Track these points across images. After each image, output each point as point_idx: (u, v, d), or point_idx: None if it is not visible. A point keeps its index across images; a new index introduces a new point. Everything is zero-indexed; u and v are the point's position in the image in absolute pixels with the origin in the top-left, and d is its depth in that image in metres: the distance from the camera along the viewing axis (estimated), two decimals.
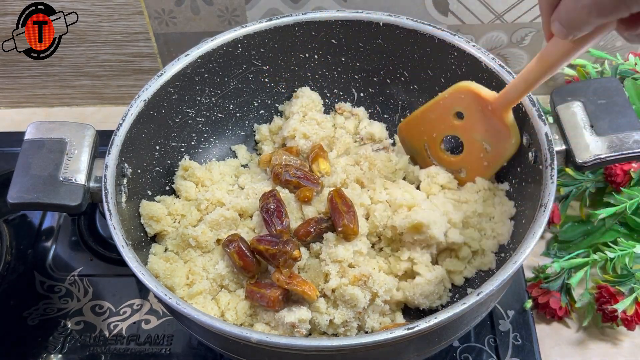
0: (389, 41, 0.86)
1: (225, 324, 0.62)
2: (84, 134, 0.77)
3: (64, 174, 0.74)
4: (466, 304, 0.60)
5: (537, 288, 0.84)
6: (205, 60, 0.84)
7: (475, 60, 0.79)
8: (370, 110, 0.94)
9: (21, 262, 0.92)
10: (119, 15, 1.01)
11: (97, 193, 0.73)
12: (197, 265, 0.76)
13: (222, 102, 0.89)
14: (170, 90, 0.82)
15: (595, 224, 0.88)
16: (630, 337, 0.83)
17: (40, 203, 0.73)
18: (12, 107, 1.15)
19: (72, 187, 0.73)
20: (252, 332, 0.60)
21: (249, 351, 0.66)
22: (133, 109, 0.78)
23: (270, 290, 0.71)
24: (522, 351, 0.80)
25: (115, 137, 0.75)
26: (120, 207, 0.73)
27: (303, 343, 0.60)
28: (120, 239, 0.68)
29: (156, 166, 0.83)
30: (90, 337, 0.84)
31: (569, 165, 0.73)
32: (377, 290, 0.72)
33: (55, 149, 0.75)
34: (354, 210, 0.75)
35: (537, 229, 0.65)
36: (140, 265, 0.66)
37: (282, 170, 0.80)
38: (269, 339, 0.60)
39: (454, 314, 0.60)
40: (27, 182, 0.73)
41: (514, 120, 0.73)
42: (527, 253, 0.63)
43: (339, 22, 0.86)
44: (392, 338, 0.59)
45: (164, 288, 0.65)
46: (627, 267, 0.83)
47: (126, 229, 0.71)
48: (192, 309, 0.63)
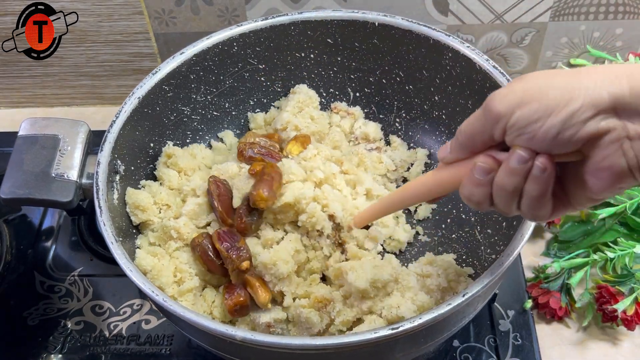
0: (385, 41, 0.86)
1: (211, 322, 0.62)
2: (77, 130, 0.77)
3: (56, 170, 0.74)
4: (451, 305, 0.60)
5: (537, 288, 0.84)
6: (201, 59, 0.84)
7: (470, 61, 0.79)
8: (365, 110, 0.94)
9: (21, 262, 0.92)
10: (119, 15, 1.01)
11: (89, 189, 0.73)
12: (183, 262, 0.75)
13: (217, 100, 0.90)
14: (165, 88, 0.82)
15: (595, 224, 0.88)
16: (630, 337, 0.83)
17: (32, 199, 0.73)
18: (12, 107, 1.15)
19: (64, 184, 0.74)
20: (237, 330, 0.60)
21: (234, 349, 0.66)
22: (127, 106, 0.78)
23: (236, 295, 0.72)
24: (522, 351, 0.80)
25: (108, 134, 0.75)
26: (112, 204, 0.73)
27: (286, 342, 0.60)
28: (110, 236, 0.68)
29: (150, 163, 0.83)
30: (90, 337, 0.84)
31: None
32: (334, 317, 0.72)
33: (48, 145, 0.76)
34: (277, 180, 0.73)
35: (525, 231, 0.65)
36: (129, 262, 0.66)
37: (247, 147, 0.80)
38: (253, 337, 0.60)
39: (439, 315, 0.60)
40: (20, 178, 0.73)
41: None
42: (514, 255, 0.63)
43: (335, 22, 0.86)
44: (375, 338, 0.59)
45: (151, 285, 0.65)
46: (627, 267, 0.83)
47: (117, 225, 0.71)
48: (179, 306, 0.63)
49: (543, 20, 0.98)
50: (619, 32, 1.00)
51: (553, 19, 0.98)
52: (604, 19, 0.98)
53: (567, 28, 0.99)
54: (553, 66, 1.05)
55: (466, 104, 0.83)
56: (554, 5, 0.96)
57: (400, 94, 0.90)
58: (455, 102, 0.85)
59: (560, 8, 0.97)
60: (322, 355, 0.63)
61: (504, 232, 0.75)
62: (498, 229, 0.77)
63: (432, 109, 0.89)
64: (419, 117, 0.91)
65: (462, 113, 0.85)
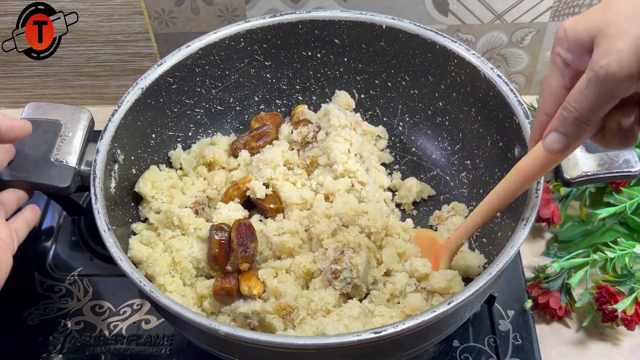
0: (391, 44, 0.86)
1: (195, 314, 0.62)
2: (79, 117, 0.78)
3: (55, 155, 0.75)
4: (435, 312, 0.60)
5: (537, 288, 0.84)
6: (207, 52, 0.84)
7: (474, 69, 0.79)
8: (370, 113, 0.94)
9: (21, 262, 0.92)
10: (119, 15, 1.01)
11: (88, 176, 0.73)
12: (177, 250, 0.76)
13: (222, 95, 0.90)
14: (170, 80, 0.82)
15: (595, 224, 0.88)
16: (630, 337, 0.83)
17: (29, 182, 0.74)
18: (12, 107, 1.16)
19: (63, 169, 0.74)
20: (221, 325, 0.60)
21: (219, 343, 0.66)
22: (130, 96, 0.78)
23: (227, 281, 0.74)
24: (522, 351, 0.80)
25: (109, 122, 0.76)
26: (109, 192, 0.73)
27: (268, 339, 0.60)
28: (103, 224, 0.68)
29: (151, 154, 0.83)
30: (90, 337, 0.84)
31: (558, 180, 0.73)
32: (296, 325, 0.72)
33: (49, 130, 0.76)
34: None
35: (515, 242, 0.65)
36: (119, 251, 0.67)
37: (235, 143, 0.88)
38: (237, 332, 0.60)
39: (422, 322, 0.60)
40: (19, 161, 0.74)
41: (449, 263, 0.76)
42: (501, 266, 0.63)
43: (342, 23, 0.86)
44: (357, 341, 0.59)
45: (140, 274, 0.65)
46: (627, 267, 0.83)
47: (111, 214, 0.71)
48: (164, 296, 0.63)
49: (543, 20, 0.98)
50: None
51: (553, 19, 0.98)
52: None
53: None
54: None
55: (469, 112, 0.83)
56: (554, 5, 0.96)
57: (405, 97, 0.90)
58: (458, 109, 0.85)
59: (560, 8, 0.97)
60: (304, 354, 0.63)
61: (498, 242, 0.75)
62: (493, 238, 0.78)
63: (435, 115, 0.89)
64: (422, 122, 0.91)
65: (465, 121, 0.85)
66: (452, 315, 0.63)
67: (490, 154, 0.82)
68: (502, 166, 0.78)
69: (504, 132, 0.77)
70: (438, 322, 0.62)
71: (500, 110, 0.77)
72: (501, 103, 0.76)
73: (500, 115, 0.77)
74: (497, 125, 0.79)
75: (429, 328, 0.62)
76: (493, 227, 0.78)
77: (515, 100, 0.74)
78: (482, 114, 0.81)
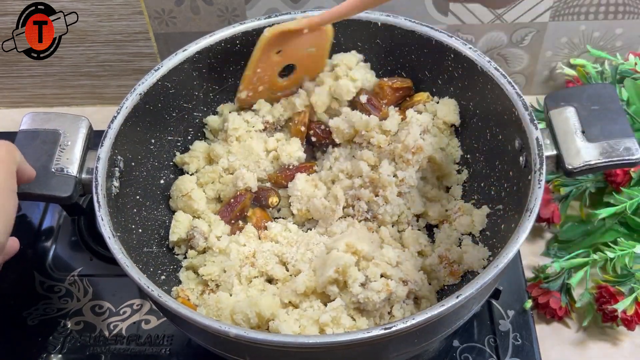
0: (387, 41, 0.86)
1: (205, 318, 0.62)
2: (78, 125, 0.78)
3: (56, 165, 0.75)
4: (444, 306, 0.60)
5: (537, 288, 0.84)
6: (203, 56, 0.84)
7: (471, 63, 0.79)
8: None
9: (21, 262, 0.92)
10: (119, 15, 1.01)
11: (89, 184, 0.73)
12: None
13: (220, 98, 0.90)
14: (167, 85, 0.82)
15: (595, 224, 0.88)
16: (630, 337, 0.83)
17: (31, 193, 0.73)
18: (12, 107, 1.15)
19: (64, 178, 0.74)
20: (231, 327, 0.60)
21: (229, 345, 0.66)
22: (128, 102, 0.78)
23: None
24: (522, 351, 0.80)
25: (109, 129, 0.75)
26: (111, 199, 0.73)
27: (279, 339, 0.60)
28: (108, 230, 0.68)
29: (151, 159, 0.83)
30: (90, 337, 0.84)
31: (559, 171, 0.73)
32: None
33: (49, 140, 0.76)
34: None
35: (521, 234, 0.64)
36: (125, 257, 0.67)
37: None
38: (247, 334, 0.60)
39: (432, 316, 0.60)
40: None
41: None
42: (509, 257, 0.63)
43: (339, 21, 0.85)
44: (368, 337, 0.59)
45: (147, 280, 0.65)
46: (627, 267, 0.83)
47: (115, 220, 0.71)
48: (173, 301, 0.63)
49: (543, 20, 0.98)
50: (619, 32, 1.00)
51: (553, 19, 0.98)
52: (604, 19, 0.98)
53: (567, 28, 0.99)
54: (553, 66, 1.05)
55: (467, 106, 0.83)
56: (554, 5, 0.96)
57: None
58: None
59: (560, 8, 0.97)
60: (315, 353, 0.63)
61: (502, 235, 0.75)
62: (496, 231, 0.77)
63: None
64: None
65: (463, 115, 0.85)
66: (460, 309, 0.63)
67: (490, 147, 0.81)
68: (503, 159, 0.78)
69: (503, 125, 0.77)
70: (447, 316, 0.62)
71: (499, 103, 0.76)
72: (499, 96, 0.76)
73: (499, 108, 0.77)
74: (496, 118, 0.79)
75: (438, 322, 0.62)
76: (496, 220, 0.78)
77: (514, 92, 0.74)
78: (481, 108, 0.81)
